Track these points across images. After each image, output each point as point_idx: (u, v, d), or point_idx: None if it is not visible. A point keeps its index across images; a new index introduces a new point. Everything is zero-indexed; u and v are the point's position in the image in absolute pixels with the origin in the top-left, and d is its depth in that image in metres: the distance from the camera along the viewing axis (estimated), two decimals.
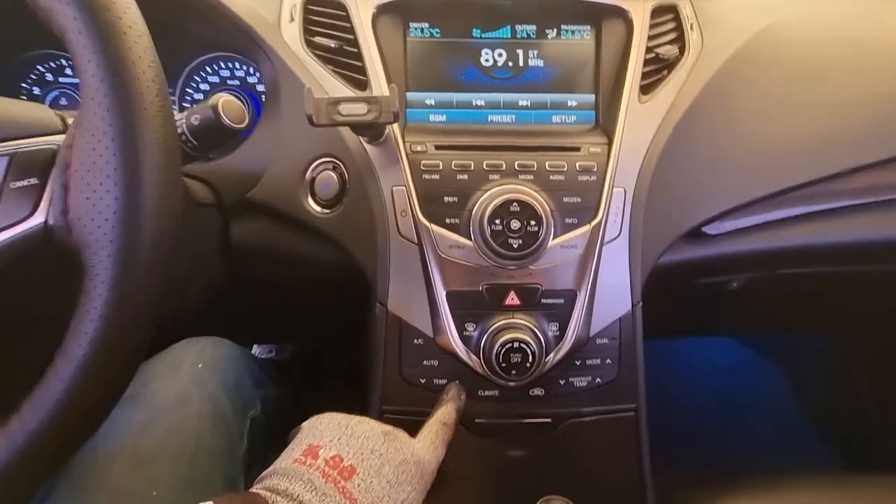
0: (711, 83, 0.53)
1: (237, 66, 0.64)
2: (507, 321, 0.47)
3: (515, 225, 0.45)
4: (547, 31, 0.54)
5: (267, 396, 0.57)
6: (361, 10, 0.52)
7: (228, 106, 0.36)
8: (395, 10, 0.52)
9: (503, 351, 0.45)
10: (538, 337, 0.46)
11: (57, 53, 0.62)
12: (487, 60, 0.54)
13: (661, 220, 0.50)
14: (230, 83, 0.63)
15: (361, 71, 0.51)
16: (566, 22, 0.54)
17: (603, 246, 0.48)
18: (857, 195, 0.57)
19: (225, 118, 0.36)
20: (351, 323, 0.62)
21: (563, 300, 0.48)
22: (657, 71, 0.53)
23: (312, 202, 0.51)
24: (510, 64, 0.54)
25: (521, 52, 0.54)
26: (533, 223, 0.45)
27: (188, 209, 0.42)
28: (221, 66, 0.63)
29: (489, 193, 0.46)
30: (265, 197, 0.52)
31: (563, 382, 0.49)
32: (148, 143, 0.26)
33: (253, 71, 0.64)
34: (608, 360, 0.49)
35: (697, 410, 1.05)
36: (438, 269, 0.47)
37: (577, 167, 0.48)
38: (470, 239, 0.47)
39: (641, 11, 0.53)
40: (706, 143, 0.52)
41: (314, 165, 0.50)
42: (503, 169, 0.48)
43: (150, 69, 0.27)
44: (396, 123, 0.47)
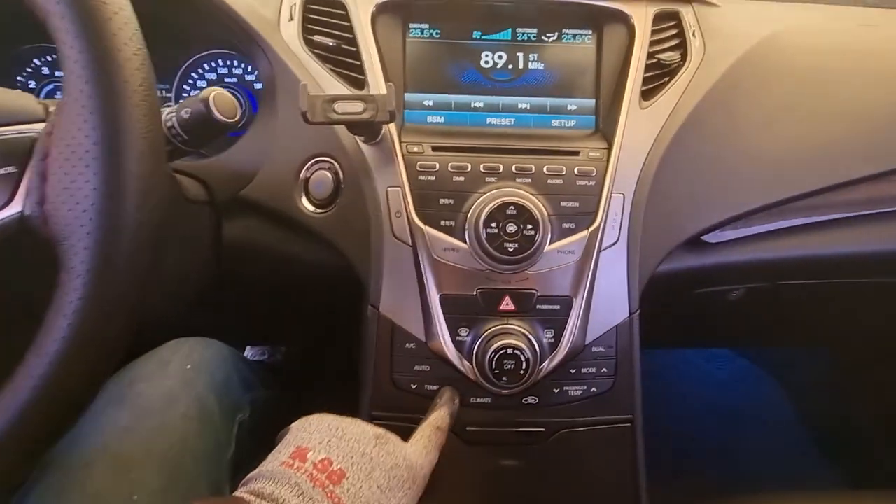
0: (713, 90, 0.52)
1: (235, 62, 0.63)
2: (501, 326, 0.46)
3: (511, 228, 0.44)
4: (548, 34, 0.53)
5: (256, 399, 0.56)
6: (361, 9, 0.51)
7: (220, 100, 0.35)
8: (394, 9, 0.52)
9: (496, 357, 0.44)
10: (532, 344, 0.45)
11: (52, 47, 0.61)
12: (487, 62, 0.53)
13: (660, 227, 0.49)
14: (228, 80, 0.63)
15: (359, 70, 0.50)
16: (567, 25, 0.53)
17: (601, 252, 0.47)
18: (858, 206, 0.57)
19: (216, 112, 0.35)
20: (344, 325, 0.61)
21: (558, 306, 0.47)
22: (658, 77, 0.52)
23: (306, 201, 0.50)
24: (510, 66, 0.53)
25: (521, 54, 0.53)
26: (529, 227, 0.44)
27: (176, 202, 0.41)
28: (219, 62, 0.63)
29: (485, 196, 0.45)
30: (259, 195, 0.51)
31: (557, 391, 0.48)
32: (130, 131, 0.25)
33: (251, 68, 0.63)
34: (604, 369, 0.48)
35: (695, 422, 1.04)
36: (432, 271, 0.46)
37: (575, 171, 0.47)
38: (465, 242, 0.46)
39: (644, 17, 0.52)
40: (707, 150, 0.52)
41: (309, 164, 0.50)
42: (500, 171, 0.47)
43: (135, 57, 0.26)
44: (393, 123, 0.46)
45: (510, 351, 0.44)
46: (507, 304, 0.47)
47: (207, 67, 0.62)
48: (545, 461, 0.48)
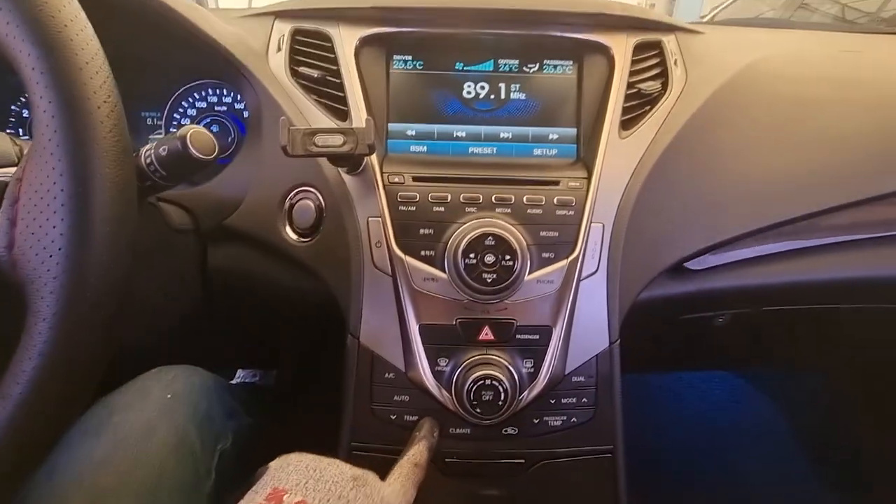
0: (694, 119, 0.53)
1: (224, 91, 0.64)
2: (480, 356, 0.46)
3: (490, 259, 0.44)
4: (529, 64, 0.54)
5: (240, 426, 0.56)
6: (345, 40, 0.52)
7: (196, 138, 0.36)
8: (378, 41, 0.53)
9: (475, 387, 0.44)
10: (512, 374, 0.45)
11: None
12: (470, 92, 0.54)
13: (640, 255, 0.50)
14: (217, 109, 0.64)
15: (343, 101, 0.51)
16: (548, 57, 0.54)
17: (580, 281, 0.47)
18: (841, 232, 0.57)
19: (192, 150, 0.36)
20: (330, 351, 0.61)
21: (538, 336, 0.47)
22: (640, 106, 0.53)
23: (290, 230, 0.51)
24: (492, 96, 0.54)
25: (503, 85, 0.54)
26: (508, 258, 0.44)
27: (159, 231, 0.42)
28: (209, 92, 0.64)
29: (464, 227, 0.46)
30: (243, 224, 0.52)
31: (536, 421, 0.47)
32: (99, 178, 0.26)
33: (240, 97, 0.64)
34: (584, 399, 0.48)
35: (689, 445, 1.02)
36: (412, 301, 0.46)
37: (555, 201, 0.48)
38: (444, 272, 0.46)
39: (623, 47, 0.53)
40: (687, 178, 0.52)
41: (292, 194, 0.50)
42: (480, 202, 0.47)
43: (105, 104, 0.27)
44: (374, 154, 0.47)
45: (489, 381, 0.44)
46: (486, 333, 0.47)
47: (197, 96, 0.63)
48: (525, 492, 0.48)
